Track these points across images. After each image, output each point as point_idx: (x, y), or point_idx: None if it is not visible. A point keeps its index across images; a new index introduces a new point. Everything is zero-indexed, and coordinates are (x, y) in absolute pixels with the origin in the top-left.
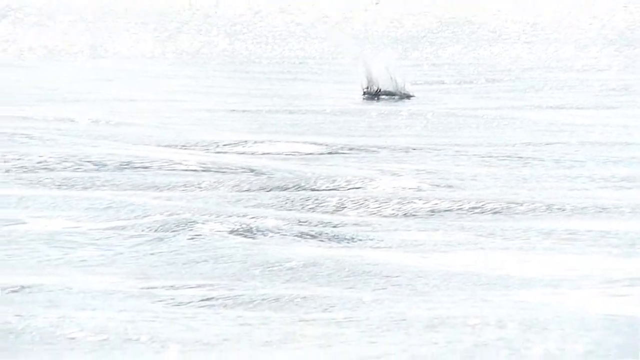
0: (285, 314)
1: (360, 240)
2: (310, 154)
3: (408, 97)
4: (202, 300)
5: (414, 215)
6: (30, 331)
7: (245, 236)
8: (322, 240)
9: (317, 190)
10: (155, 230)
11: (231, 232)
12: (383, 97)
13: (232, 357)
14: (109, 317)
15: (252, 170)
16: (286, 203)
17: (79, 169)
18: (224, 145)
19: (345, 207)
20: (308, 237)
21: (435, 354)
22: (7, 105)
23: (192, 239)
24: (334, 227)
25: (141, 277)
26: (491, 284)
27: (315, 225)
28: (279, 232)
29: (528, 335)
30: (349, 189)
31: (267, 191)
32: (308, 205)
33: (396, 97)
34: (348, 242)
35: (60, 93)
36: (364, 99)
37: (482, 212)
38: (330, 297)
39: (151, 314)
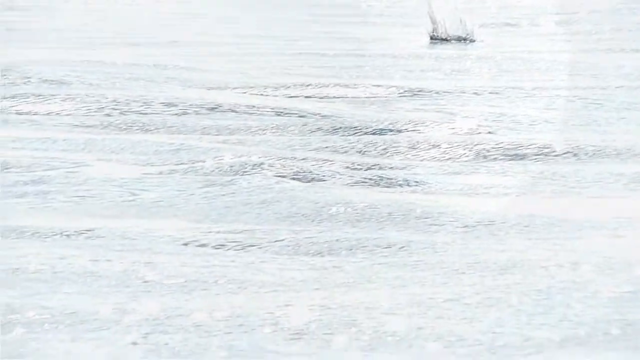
0: (358, 257)
1: (431, 183)
2: (378, 97)
3: (475, 40)
4: (276, 242)
5: (484, 157)
6: (107, 275)
7: (315, 179)
8: (392, 184)
9: (386, 133)
10: (225, 173)
11: (300, 174)
12: (451, 40)
13: (309, 297)
14: (183, 261)
15: (319, 114)
16: (355, 146)
17: (146, 112)
18: (292, 88)
19: (414, 149)
20: (378, 179)
21: (509, 295)
22: (74, 49)
23: (262, 181)
24: (403, 169)
25: (213, 220)
26: (564, 227)
27: (385, 169)
28: (348, 175)
29: (601, 278)
30: (417, 132)
31: (335, 134)
32: (378, 148)
33: (464, 40)
34: (418, 185)
35: (126, 37)
36: (431, 42)
37: (553, 155)
38: (402, 241)
39: (225, 258)
